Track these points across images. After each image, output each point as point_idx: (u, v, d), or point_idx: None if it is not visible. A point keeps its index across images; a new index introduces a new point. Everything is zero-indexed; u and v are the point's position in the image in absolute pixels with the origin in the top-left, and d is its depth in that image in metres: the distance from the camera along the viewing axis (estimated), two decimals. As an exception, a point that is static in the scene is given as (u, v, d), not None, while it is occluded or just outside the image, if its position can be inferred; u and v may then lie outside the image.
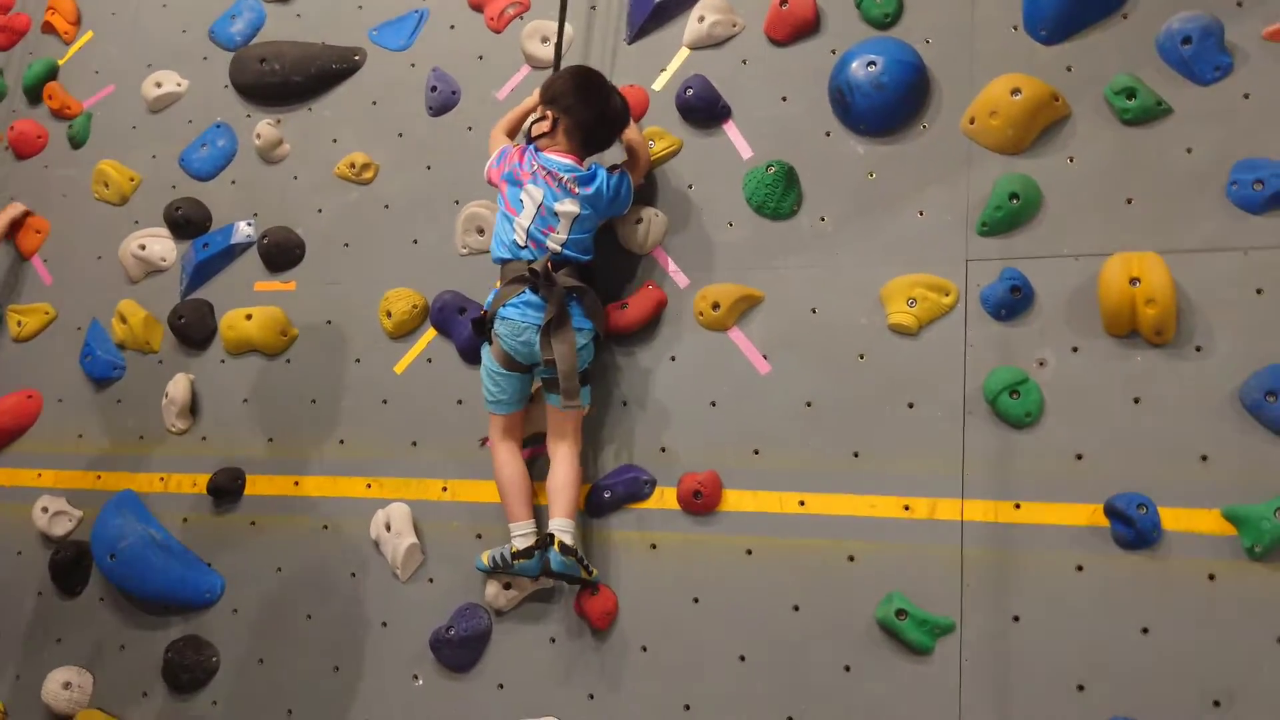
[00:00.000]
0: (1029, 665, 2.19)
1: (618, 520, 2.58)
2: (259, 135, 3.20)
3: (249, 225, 3.18)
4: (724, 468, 2.51)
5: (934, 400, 2.36)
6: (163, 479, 3.10)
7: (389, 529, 2.76)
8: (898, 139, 2.52)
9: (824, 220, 2.56)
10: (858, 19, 2.60)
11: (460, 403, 2.81)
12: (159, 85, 3.43)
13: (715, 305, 2.57)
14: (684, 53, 2.77)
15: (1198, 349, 2.20)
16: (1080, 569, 2.19)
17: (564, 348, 2.42)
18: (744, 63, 2.70)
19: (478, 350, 2.76)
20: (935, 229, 2.44)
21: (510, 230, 2.51)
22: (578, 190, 2.47)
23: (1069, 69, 2.39)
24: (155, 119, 3.44)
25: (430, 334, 2.89)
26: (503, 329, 2.48)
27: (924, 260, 2.43)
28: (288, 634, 2.84)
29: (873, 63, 2.47)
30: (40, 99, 3.64)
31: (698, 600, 2.47)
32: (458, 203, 2.92)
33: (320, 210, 3.12)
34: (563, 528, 2.44)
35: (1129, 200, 2.30)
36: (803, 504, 2.43)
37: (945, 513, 2.31)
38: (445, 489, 2.78)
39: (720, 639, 2.43)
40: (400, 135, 3.07)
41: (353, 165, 3.09)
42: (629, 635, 2.51)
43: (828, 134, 2.59)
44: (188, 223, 3.25)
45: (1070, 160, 2.37)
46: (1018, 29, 2.46)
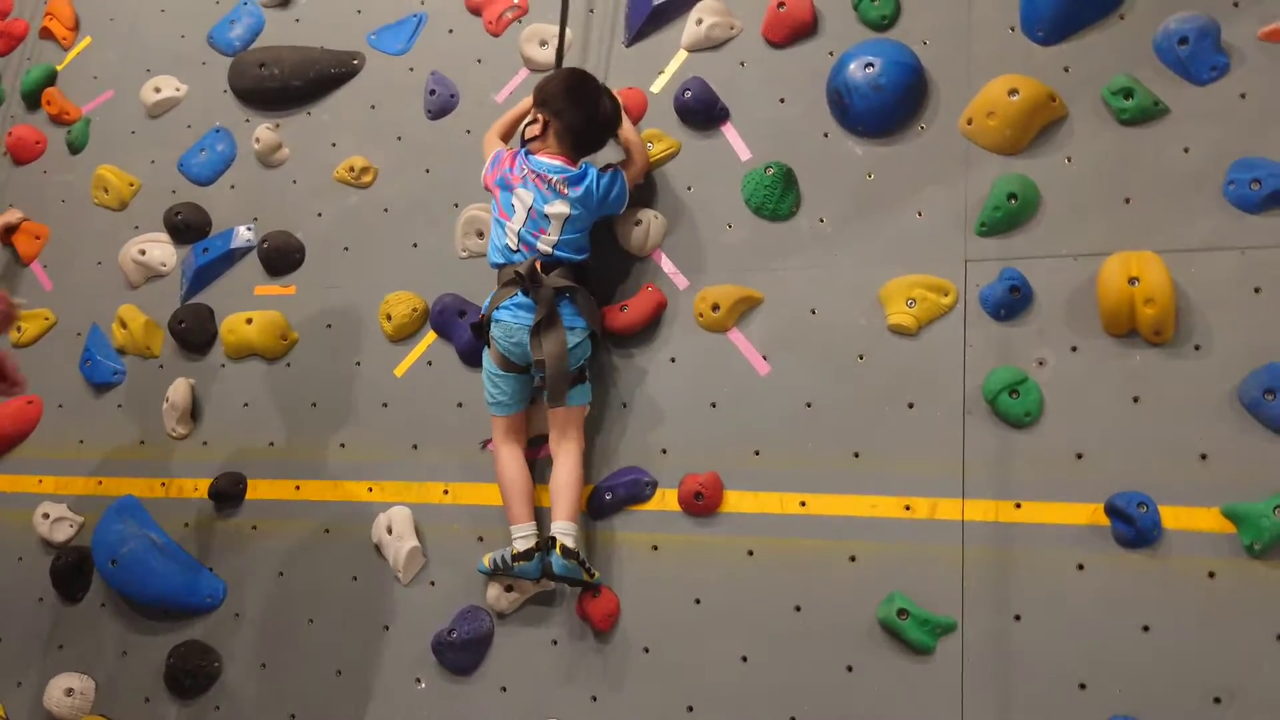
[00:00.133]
0: (1030, 664, 2.20)
1: (619, 522, 2.58)
2: (258, 140, 3.20)
3: (249, 230, 3.19)
4: (725, 469, 2.51)
5: (934, 400, 2.37)
6: (164, 484, 3.10)
7: (390, 532, 2.77)
8: (896, 140, 2.53)
9: (823, 221, 2.56)
10: (855, 21, 2.61)
11: (460, 405, 2.81)
12: (158, 90, 3.43)
13: (715, 306, 2.58)
14: (682, 55, 2.78)
15: (1196, 348, 2.20)
16: (1081, 568, 2.20)
17: (553, 347, 2.43)
18: (742, 65, 2.71)
19: (477, 353, 2.77)
20: (934, 229, 2.45)
21: (503, 235, 2.53)
22: (567, 191, 2.48)
23: (1066, 69, 2.40)
24: (154, 124, 3.45)
25: (430, 337, 2.89)
26: (497, 331, 2.50)
27: (923, 261, 2.44)
28: (290, 638, 2.85)
29: (870, 64, 2.48)
30: (39, 104, 3.64)
31: (699, 601, 2.48)
32: (457, 206, 2.93)
33: (320, 214, 3.12)
34: (564, 530, 2.45)
35: (1127, 200, 2.31)
36: (804, 504, 2.44)
37: (946, 512, 2.31)
38: (446, 492, 2.79)
39: (722, 640, 2.44)
40: (399, 139, 3.08)
41: (352, 169, 3.10)
42: (631, 637, 2.51)
43: (826, 135, 2.59)
44: (187, 227, 3.25)
45: (1068, 160, 2.37)
46: (1015, 30, 2.46)
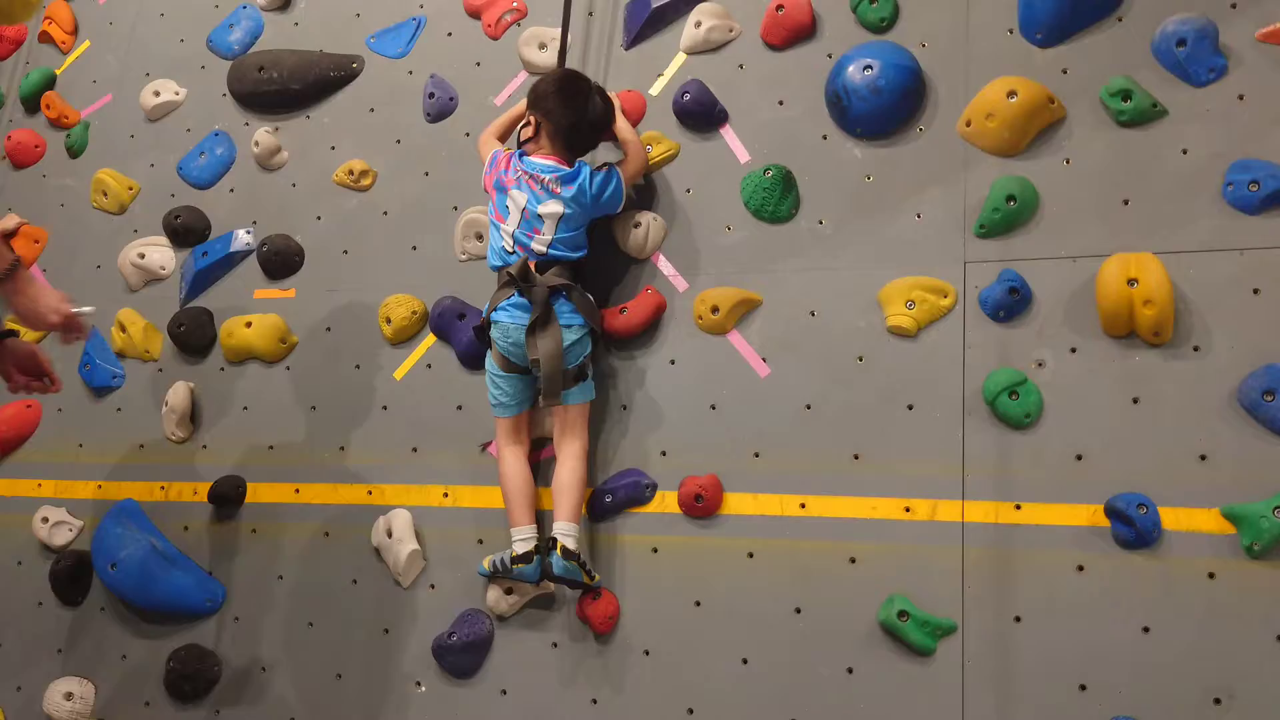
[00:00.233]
0: (1031, 666, 2.20)
1: (619, 524, 2.58)
2: (257, 143, 3.21)
3: (248, 233, 3.19)
4: (725, 471, 2.51)
5: (933, 402, 2.37)
6: (163, 487, 3.10)
7: (390, 535, 2.77)
8: (895, 142, 2.53)
9: (822, 223, 2.57)
10: (854, 23, 2.61)
11: (460, 408, 2.81)
12: (157, 94, 3.44)
13: (714, 309, 2.58)
14: (681, 58, 2.78)
15: (1195, 349, 2.21)
16: (1081, 569, 2.20)
17: (548, 345, 2.43)
18: (741, 67, 2.72)
19: (477, 356, 2.77)
20: (933, 231, 2.45)
21: (499, 237, 2.55)
22: (560, 190, 2.49)
23: (1065, 71, 2.41)
24: (153, 128, 3.45)
25: (430, 340, 2.89)
26: (496, 333, 2.51)
27: (922, 262, 2.44)
28: (290, 642, 2.84)
29: (869, 66, 2.48)
30: (38, 108, 3.64)
31: (700, 604, 2.48)
32: (456, 208, 2.93)
33: (319, 217, 3.12)
34: (565, 531, 2.45)
35: (1125, 201, 2.31)
36: (804, 506, 2.44)
37: (946, 514, 2.31)
38: (446, 495, 2.79)
39: (722, 642, 2.44)
40: (398, 142, 3.08)
41: (351, 172, 3.10)
42: (631, 639, 2.51)
43: (825, 137, 2.60)
44: (187, 231, 3.25)
45: (1067, 162, 2.38)
46: (1013, 32, 2.47)
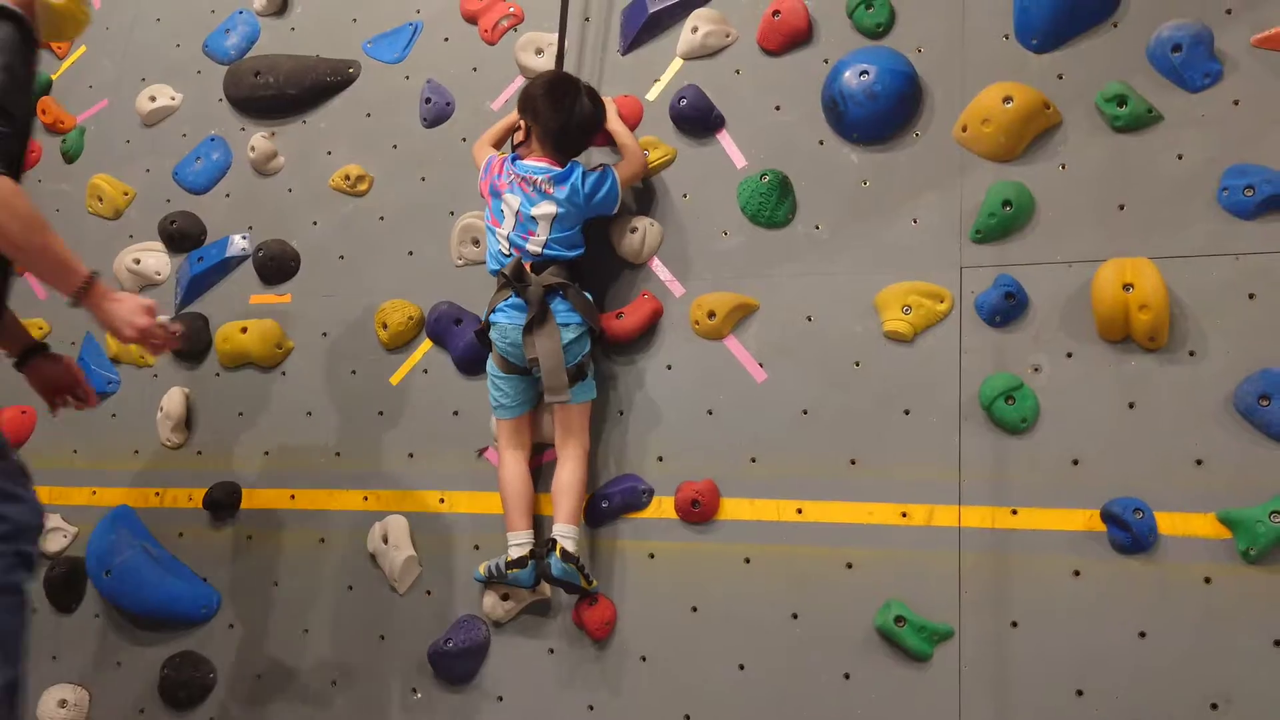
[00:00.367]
0: (1028, 671, 2.19)
1: (616, 530, 2.58)
2: (253, 148, 3.20)
3: (244, 238, 3.18)
4: (721, 476, 2.51)
5: (930, 407, 2.37)
6: (158, 494, 3.09)
7: (386, 541, 2.76)
8: (891, 147, 2.53)
9: (818, 228, 2.57)
10: (850, 29, 2.62)
11: (456, 414, 2.81)
12: (153, 99, 3.43)
13: (711, 314, 2.58)
14: (678, 63, 2.79)
15: (1191, 354, 2.21)
16: (1077, 574, 2.20)
17: (546, 344, 2.44)
18: (737, 73, 2.72)
19: (473, 361, 2.77)
20: (929, 236, 2.46)
21: (495, 241, 2.56)
22: (553, 190, 2.50)
23: (1060, 77, 2.41)
24: (149, 133, 3.44)
25: (426, 345, 2.89)
26: (494, 334, 2.52)
27: (918, 267, 2.44)
28: (285, 649, 2.83)
29: (865, 72, 2.49)
30: (33, 113, 3.63)
31: (696, 609, 2.47)
32: (453, 214, 2.93)
33: (315, 222, 3.12)
34: (565, 534, 2.44)
35: (1121, 207, 2.32)
36: (800, 512, 2.43)
37: (942, 519, 2.31)
38: (442, 500, 2.78)
39: (719, 648, 2.43)
40: (395, 147, 3.08)
41: (347, 177, 3.10)
42: (628, 645, 2.51)
43: (821, 143, 2.60)
44: (182, 236, 3.25)
45: (1062, 167, 2.38)
46: (1009, 38, 2.47)
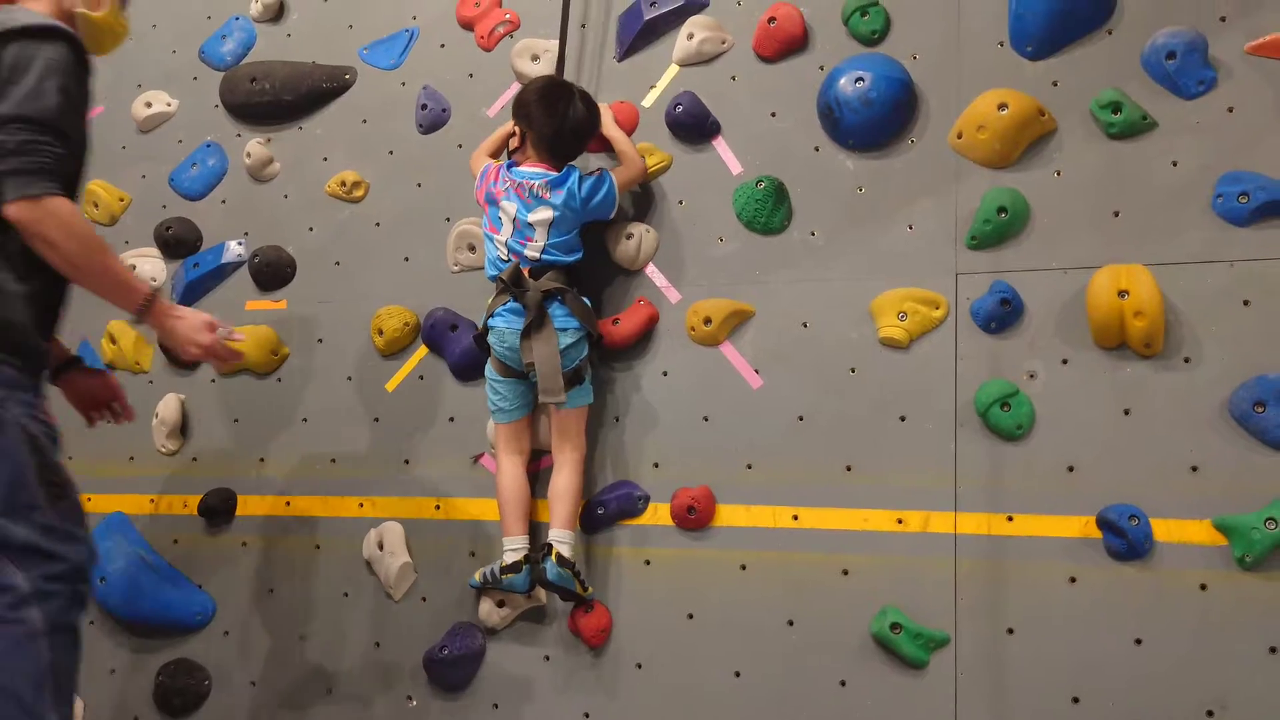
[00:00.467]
0: (1024, 678, 2.19)
1: (611, 536, 2.57)
2: (249, 154, 3.20)
3: (239, 244, 3.18)
4: (717, 483, 2.51)
5: (925, 413, 2.37)
6: (153, 500, 3.09)
7: (381, 548, 2.76)
8: (886, 154, 2.54)
9: (814, 235, 2.57)
10: (845, 36, 2.62)
11: (452, 420, 2.80)
12: (149, 105, 3.43)
13: (707, 320, 2.58)
14: (673, 69, 2.79)
15: (1186, 360, 2.21)
16: (1073, 580, 2.20)
17: (543, 348, 2.44)
18: (733, 79, 2.72)
19: (469, 367, 2.77)
20: (925, 243, 2.46)
21: (494, 248, 2.57)
22: (549, 195, 2.50)
23: (1055, 84, 2.41)
24: (145, 139, 3.44)
25: (422, 351, 2.89)
26: (493, 338, 2.53)
27: (914, 274, 2.45)
28: (280, 656, 2.83)
29: (861, 79, 2.49)
30: (29, 120, 3.63)
31: (692, 616, 2.47)
32: (449, 220, 2.93)
33: (311, 229, 3.12)
34: (561, 539, 2.44)
35: (1116, 213, 2.32)
36: (796, 518, 2.43)
37: (938, 525, 2.31)
38: (438, 507, 2.78)
39: (715, 655, 2.43)
40: (391, 153, 3.08)
41: (343, 183, 3.10)
42: (624, 652, 2.50)
43: (817, 149, 2.60)
44: (178, 242, 3.24)
45: (1057, 174, 2.39)
46: (1004, 45, 2.48)
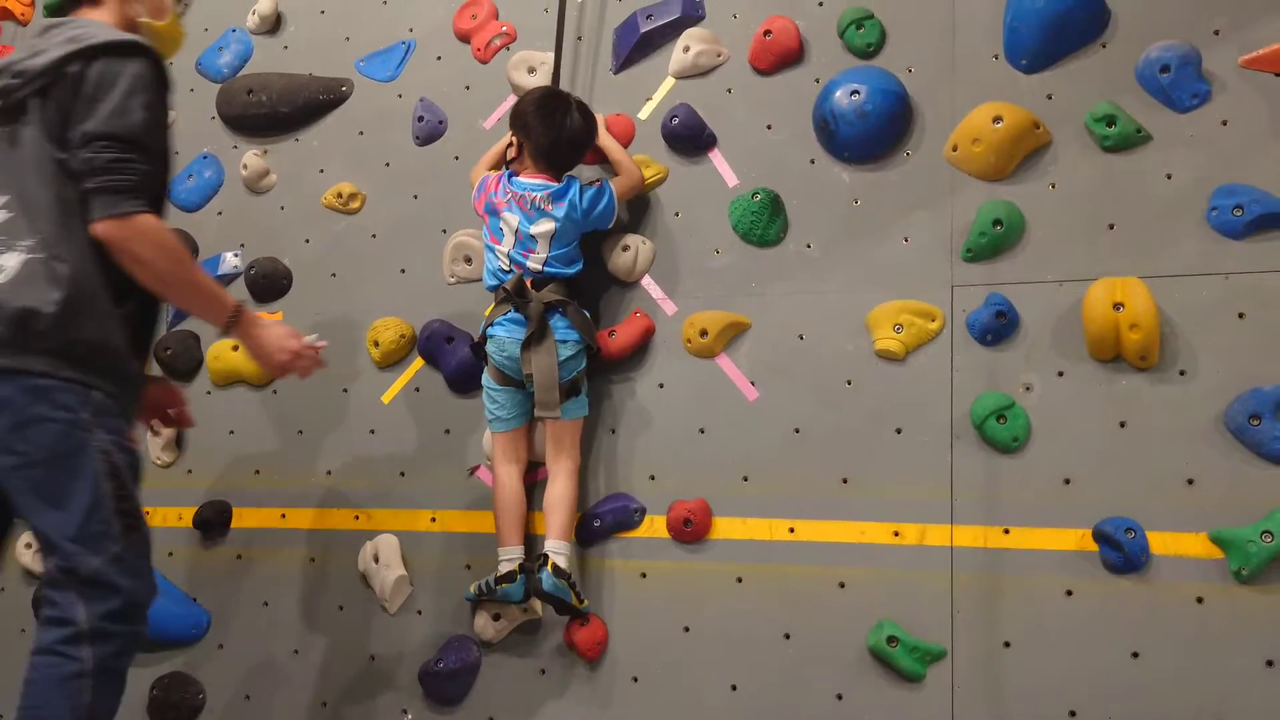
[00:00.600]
0: (1021, 691, 2.19)
1: (607, 549, 2.57)
2: (246, 166, 3.20)
3: (236, 256, 3.18)
4: (713, 495, 2.51)
5: (922, 426, 2.37)
6: (148, 512, 3.06)
7: (377, 561, 2.75)
8: (882, 166, 2.54)
9: (810, 247, 2.57)
10: (841, 49, 2.63)
11: (448, 432, 2.80)
12: (145, 117, 3.43)
13: (703, 332, 2.58)
14: (669, 82, 2.80)
15: (1181, 373, 2.21)
16: (1070, 594, 2.20)
17: (544, 360, 2.44)
18: (729, 92, 2.73)
19: (465, 379, 2.77)
20: (920, 255, 2.46)
21: (495, 259, 2.57)
22: (551, 207, 2.51)
23: (1049, 97, 2.42)
24: (141, 150, 3.44)
25: (418, 363, 2.89)
26: (492, 347, 2.53)
27: (910, 286, 2.45)
28: (275, 669, 2.81)
29: (856, 91, 2.50)
30: (26, 131, 3.63)
31: (688, 629, 2.46)
32: (445, 232, 2.93)
33: (307, 240, 3.12)
34: (557, 549, 2.44)
35: (1111, 226, 2.32)
36: (792, 531, 2.43)
37: (935, 538, 2.31)
38: (434, 520, 2.77)
39: (711, 668, 2.42)
40: (387, 165, 3.08)
41: (340, 195, 3.10)
42: (620, 666, 2.50)
43: (812, 162, 2.61)
44: (174, 254, 3.24)
45: (1052, 187, 2.39)
46: (999, 58, 2.48)
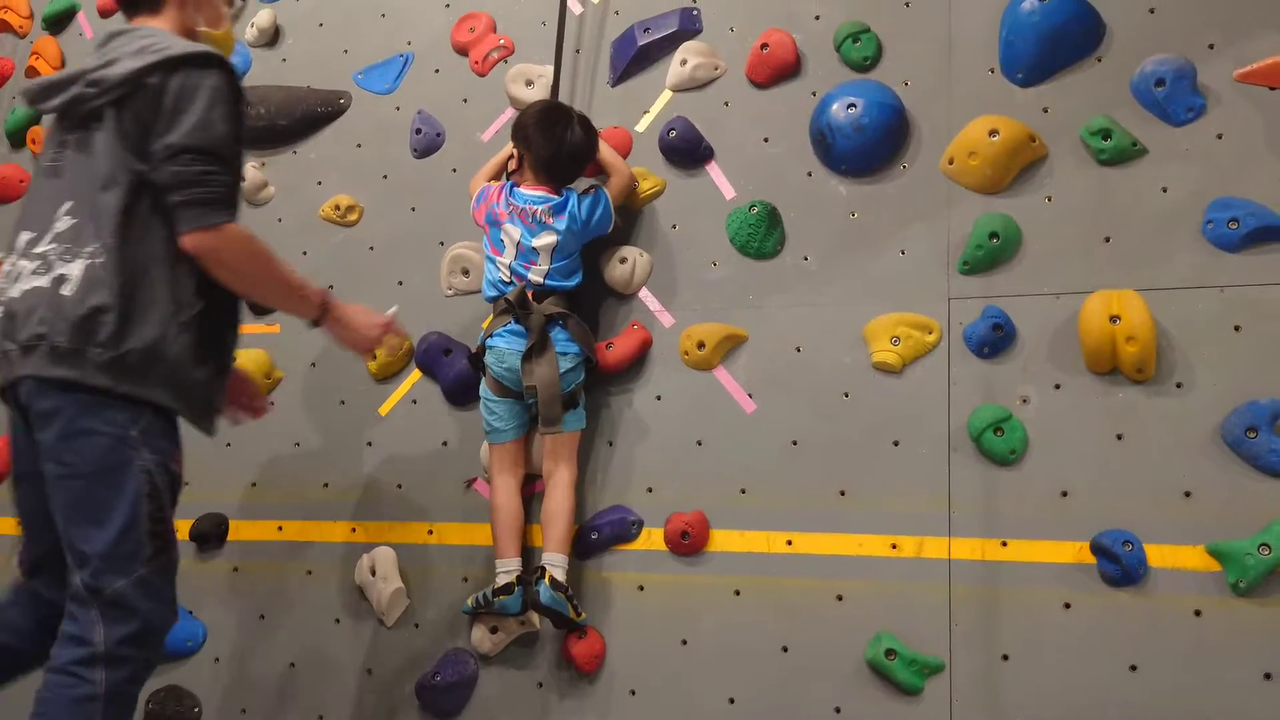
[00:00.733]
0: (1019, 704, 2.18)
1: (605, 562, 2.56)
2: (244, 178, 3.20)
3: (233, 268, 3.17)
4: (711, 508, 2.50)
5: (919, 438, 2.37)
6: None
7: (374, 574, 2.74)
8: (879, 179, 2.55)
9: (807, 259, 2.58)
10: (837, 62, 2.64)
11: (445, 444, 2.80)
12: (143, 129, 3.43)
13: (700, 344, 2.58)
14: (667, 95, 2.81)
15: (1178, 385, 2.22)
16: (1068, 606, 2.19)
17: (545, 372, 2.44)
18: (726, 105, 2.74)
19: (463, 391, 2.77)
20: (917, 267, 2.47)
21: (495, 270, 2.57)
22: (552, 220, 2.52)
23: (1045, 110, 2.43)
24: (139, 162, 3.44)
25: (415, 376, 2.88)
26: (491, 358, 2.53)
27: (906, 299, 2.45)
28: (271, 683, 2.80)
29: (853, 105, 2.51)
30: (23, 143, 3.63)
31: (686, 642, 2.46)
32: (443, 244, 2.93)
33: (305, 252, 3.12)
34: (554, 562, 2.43)
35: (1107, 239, 2.33)
36: (790, 543, 2.43)
37: (932, 551, 2.31)
38: (431, 532, 2.76)
39: (709, 681, 2.41)
40: (385, 177, 3.09)
41: (338, 207, 3.10)
42: (617, 679, 2.49)
43: (810, 174, 2.61)
44: (171, 266, 3.24)
45: (1048, 200, 2.40)
46: (995, 72, 2.50)
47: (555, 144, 2.55)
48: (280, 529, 2.92)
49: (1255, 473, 2.12)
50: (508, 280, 2.55)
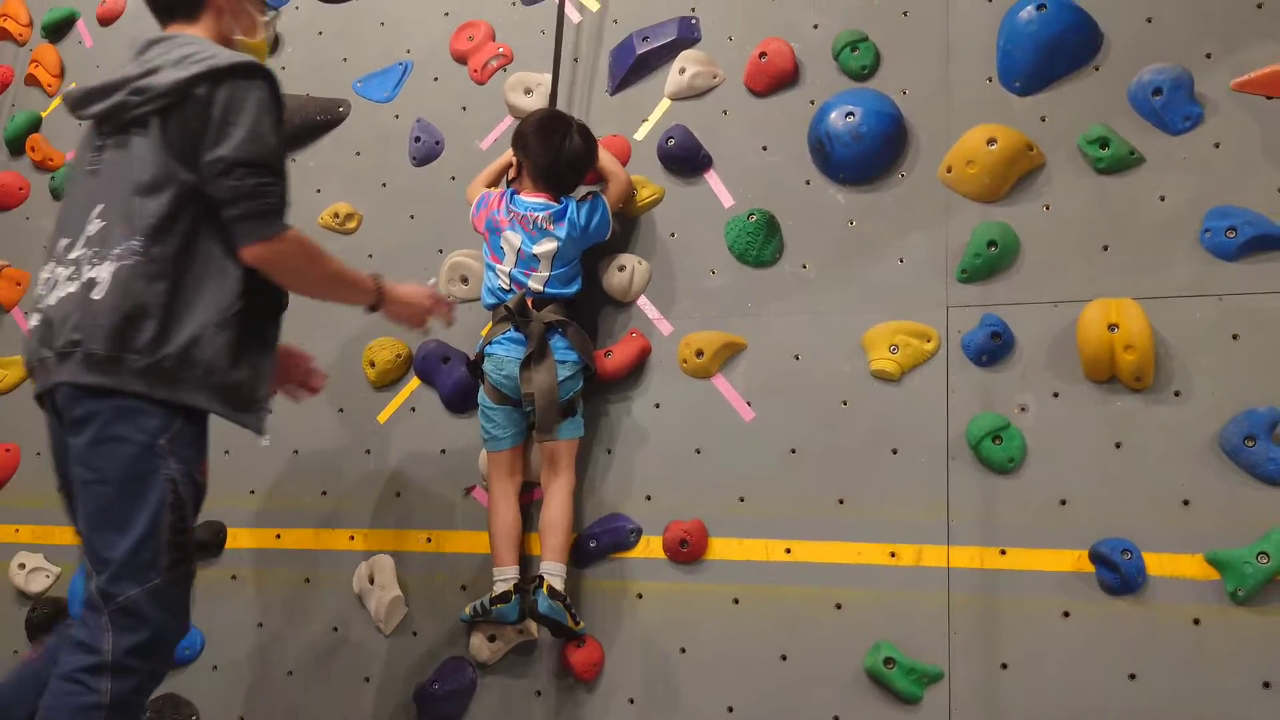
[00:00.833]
0: (1018, 713, 2.18)
1: (603, 570, 2.56)
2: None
3: (232, 275, 3.18)
4: (709, 516, 2.50)
5: (918, 446, 2.37)
6: (143, 532, 3.06)
7: (372, 582, 2.74)
8: (877, 188, 2.55)
9: (805, 268, 2.58)
10: (836, 71, 2.64)
11: (444, 452, 2.79)
12: (143, 137, 3.44)
13: (699, 352, 2.58)
14: (665, 103, 2.81)
15: (1176, 394, 2.22)
16: (1067, 615, 2.19)
17: (544, 379, 2.45)
18: (724, 113, 2.74)
19: (461, 399, 2.77)
20: (915, 276, 2.47)
21: (495, 277, 2.58)
22: (552, 227, 2.52)
23: (1043, 119, 2.44)
24: (138, 170, 3.44)
25: (414, 383, 2.88)
26: (489, 365, 2.53)
27: (905, 307, 2.45)
28: (269, 691, 2.80)
29: (851, 113, 2.51)
30: (23, 150, 3.63)
31: (685, 650, 2.45)
32: (441, 252, 2.93)
33: (304, 260, 3.12)
34: (552, 571, 2.43)
35: (1105, 247, 2.33)
36: (789, 551, 2.42)
37: (931, 559, 2.31)
38: (429, 540, 2.76)
39: (708, 689, 2.41)
40: (384, 185, 3.09)
41: (337, 215, 3.10)
42: (616, 687, 2.48)
43: (808, 183, 2.62)
44: (170, 273, 3.24)
45: (1046, 208, 2.40)
46: (993, 80, 2.50)
47: (554, 152, 2.55)
48: (279, 537, 2.92)
49: (1253, 481, 2.12)
50: (507, 288, 2.55)
